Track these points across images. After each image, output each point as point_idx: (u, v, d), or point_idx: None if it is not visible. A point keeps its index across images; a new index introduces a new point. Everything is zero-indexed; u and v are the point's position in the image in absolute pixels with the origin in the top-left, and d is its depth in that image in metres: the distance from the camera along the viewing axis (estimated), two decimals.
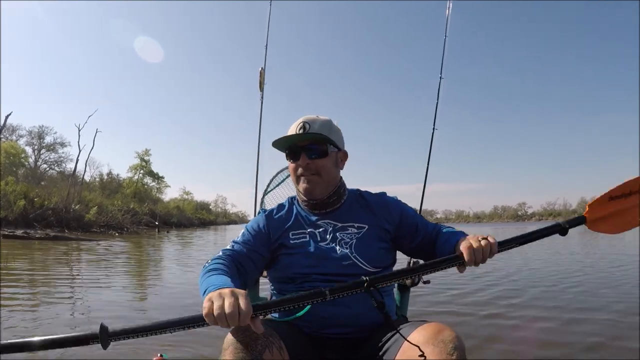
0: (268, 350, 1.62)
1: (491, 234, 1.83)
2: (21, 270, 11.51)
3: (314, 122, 2.18)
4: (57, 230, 29.05)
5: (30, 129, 58.12)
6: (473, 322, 6.06)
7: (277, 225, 2.23)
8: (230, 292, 1.55)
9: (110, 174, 60.44)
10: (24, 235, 24.14)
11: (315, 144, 2.16)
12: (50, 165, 59.76)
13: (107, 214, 38.19)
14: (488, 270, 11.02)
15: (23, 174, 50.87)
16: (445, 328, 1.69)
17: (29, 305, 7.13)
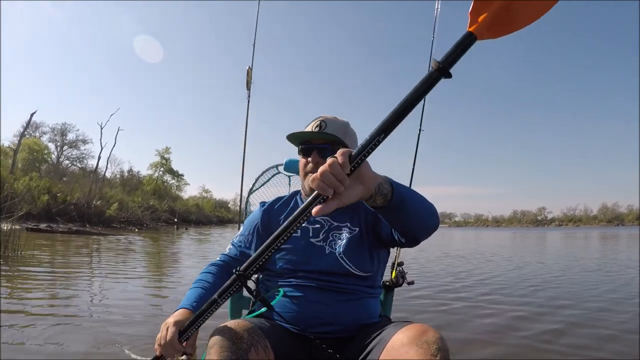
0: (253, 349, 1.63)
1: (343, 149, 1.35)
2: (43, 260, 11.97)
3: (331, 123, 2.20)
4: (78, 224, 29.56)
5: (54, 126, 58.78)
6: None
7: (273, 219, 2.26)
8: (165, 325, 1.80)
9: (131, 171, 61.01)
10: (47, 229, 24.54)
11: (328, 144, 2.16)
12: (72, 161, 60.25)
13: (128, 210, 38.78)
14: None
15: (46, 169, 51.44)
16: (429, 329, 1.67)
17: (48, 294, 7.58)
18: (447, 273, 11.61)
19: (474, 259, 16.77)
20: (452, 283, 9.70)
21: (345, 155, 1.31)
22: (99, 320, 5.92)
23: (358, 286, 2.07)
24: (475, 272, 12.27)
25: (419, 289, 8.52)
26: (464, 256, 18.06)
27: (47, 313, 6.07)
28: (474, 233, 66.61)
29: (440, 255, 17.94)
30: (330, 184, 1.30)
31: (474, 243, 32.38)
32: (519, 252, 22.50)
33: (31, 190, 29.36)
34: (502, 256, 18.80)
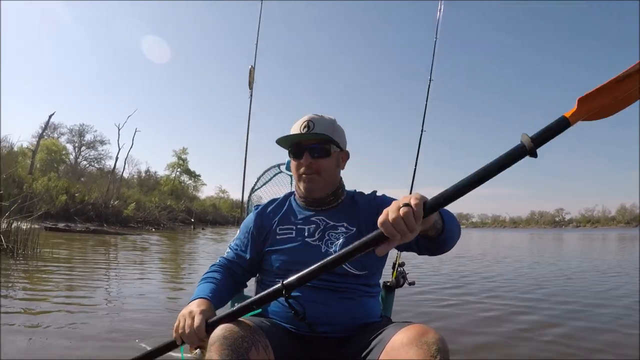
0: (254, 349, 1.62)
1: (417, 194, 1.48)
2: (61, 257, 12.14)
3: (318, 122, 2.18)
4: (96, 224, 29.79)
5: (71, 127, 59.33)
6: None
7: (267, 221, 2.25)
8: (190, 313, 1.78)
9: (148, 172, 61.36)
10: (65, 228, 24.76)
11: (318, 143, 2.15)
12: (90, 162, 60.77)
13: (145, 210, 38.99)
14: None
15: (64, 170, 51.90)
16: (429, 330, 1.66)
17: (65, 287, 7.73)
18: (459, 274, 11.65)
19: (498, 262, 16.77)
20: (463, 285, 9.69)
21: (420, 206, 1.42)
22: (115, 310, 6.14)
23: (355, 285, 2.06)
24: (492, 274, 12.25)
25: (423, 287, 8.60)
26: (483, 259, 18.06)
27: (63, 303, 6.23)
28: (491, 234, 66.29)
29: (461, 256, 17.93)
30: (401, 231, 1.42)
31: (491, 245, 32.32)
32: (541, 253, 22.43)
33: (50, 190, 29.60)
34: (525, 261, 18.69)
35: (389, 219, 1.42)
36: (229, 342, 1.58)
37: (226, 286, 2.11)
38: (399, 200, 1.46)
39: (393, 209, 1.43)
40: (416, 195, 1.46)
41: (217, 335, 1.62)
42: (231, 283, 2.16)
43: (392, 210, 1.43)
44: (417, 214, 1.41)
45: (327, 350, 1.96)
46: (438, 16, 4.01)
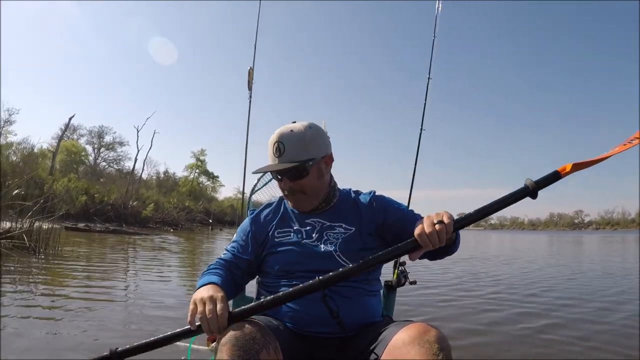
0: (265, 350, 1.60)
1: (447, 213, 1.74)
2: (81, 255, 12.48)
3: (288, 140, 2.09)
4: (115, 224, 30.00)
5: (91, 128, 59.56)
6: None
7: (264, 226, 2.24)
8: (210, 298, 1.72)
9: (167, 173, 61.59)
10: (85, 228, 24.99)
11: (291, 169, 2.08)
12: (109, 163, 61.03)
13: (163, 211, 39.30)
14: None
15: (83, 171, 52.30)
16: (430, 329, 1.68)
17: (85, 282, 7.96)
18: (470, 274, 11.77)
19: (508, 263, 16.77)
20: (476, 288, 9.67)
21: (451, 225, 1.69)
22: (133, 304, 6.43)
23: (356, 284, 2.05)
24: (503, 275, 12.25)
25: (427, 286, 8.78)
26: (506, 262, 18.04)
27: (82, 298, 6.45)
28: (509, 236, 65.83)
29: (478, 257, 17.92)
30: (433, 243, 1.68)
31: (511, 249, 32.05)
32: (563, 257, 22.44)
33: (70, 191, 29.87)
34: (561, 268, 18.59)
35: (425, 232, 1.67)
36: (240, 343, 1.57)
37: (229, 283, 2.08)
38: (432, 216, 1.73)
39: (428, 223, 1.69)
40: (447, 214, 1.72)
41: (228, 336, 1.61)
42: (232, 282, 2.14)
43: (427, 224, 1.69)
44: (448, 231, 1.68)
45: (329, 351, 1.98)
46: (436, 15, 4.02)
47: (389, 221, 2.18)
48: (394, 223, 2.17)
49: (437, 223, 1.69)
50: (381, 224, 2.18)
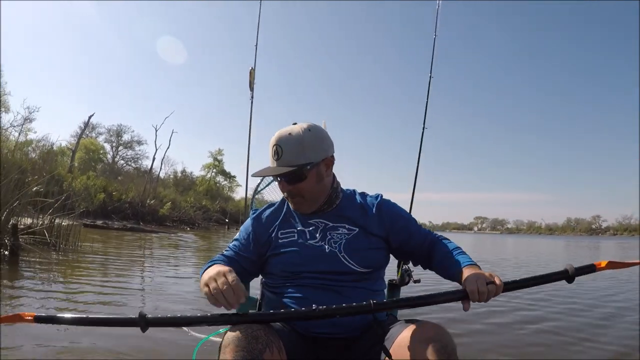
0: (268, 350, 1.61)
1: (497, 275, 1.81)
2: (99, 250, 12.80)
3: (286, 144, 2.07)
4: (133, 222, 30.20)
5: (109, 127, 60.11)
6: None
7: (266, 226, 2.23)
8: (218, 273, 1.73)
9: (184, 172, 61.75)
10: (103, 225, 25.21)
11: (288, 173, 2.09)
12: (127, 161, 61.42)
13: (180, 209, 39.38)
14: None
15: (101, 168, 52.62)
16: (436, 327, 1.72)
17: (102, 274, 8.24)
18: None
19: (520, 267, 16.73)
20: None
21: (501, 288, 1.75)
22: (151, 295, 6.72)
23: (361, 282, 2.07)
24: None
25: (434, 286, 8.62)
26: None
27: (100, 292, 6.62)
28: (526, 241, 65.32)
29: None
30: (482, 300, 1.73)
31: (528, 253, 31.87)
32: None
33: (88, 189, 30.11)
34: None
35: (478, 289, 1.73)
36: (243, 344, 1.58)
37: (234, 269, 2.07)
38: (484, 274, 1.80)
39: (482, 282, 1.74)
40: (499, 278, 1.78)
41: (231, 336, 1.62)
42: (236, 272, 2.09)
43: (481, 283, 1.74)
44: (497, 294, 1.76)
45: (334, 351, 1.99)
46: (436, 14, 4.07)
47: (395, 230, 2.20)
48: (399, 233, 2.20)
49: (489, 283, 1.75)
50: (387, 231, 2.19)
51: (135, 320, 1.69)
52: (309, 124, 2.14)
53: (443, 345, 1.61)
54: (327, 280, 2.03)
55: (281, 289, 2.11)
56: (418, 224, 2.30)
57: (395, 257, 2.36)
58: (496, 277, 1.78)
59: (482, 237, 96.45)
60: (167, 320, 1.73)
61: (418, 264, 2.32)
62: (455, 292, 1.78)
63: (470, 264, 1.94)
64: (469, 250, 11.28)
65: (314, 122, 2.18)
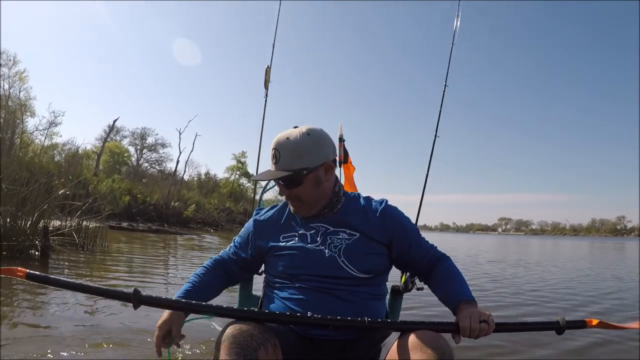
0: (263, 348, 1.63)
1: (491, 315, 1.83)
2: (125, 250, 13.30)
3: (283, 148, 2.08)
4: (157, 224, 30.58)
5: (134, 130, 60.72)
6: None
7: (267, 229, 2.26)
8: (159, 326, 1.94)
9: (208, 174, 62.09)
10: (128, 227, 25.63)
11: (285, 178, 2.10)
12: (151, 164, 62.10)
13: (204, 211, 39.77)
14: None
15: (126, 171, 53.23)
16: (433, 334, 1.71)
17: (128, 273, 8.67)
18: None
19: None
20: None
21: (492, 328, 1.78)
22: (174, 289, 6.91)
23: (360, 287, 2.07)
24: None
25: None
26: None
27: (126, 285, 7.04)
28: (550, 242, 64.62)
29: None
30: (472, 336, 1.78)
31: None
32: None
33: (113, 191, 30.51)
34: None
35: (471, 326, 1.76)
36: (238, 341, 1.61)
37: (210, 283, 2.23)
38: (479, 312, 1.82)
39: (476, 318, 1.78)
40: (491, 317, 1.80)
41: (227, 334, 1.64)
42: (218, 279, 2.27)
43: (474, 320, 1.78)
44: (489, 333, 1.79)
45: (332, 353, 1.99)
46: (455, 23, 4.04)
47: (397, 238, 2.19)
48: (401, 242, 2.19)
49: (482, 321, 1.78)
50: (390, 238, 2.18)
51: (128, 295, 1.74)
52: (309, 127, 2.12)
53: (441, 352, 1.62)
54: (326, 283, 2.03)
55: (281, 289, 2.13)
56: (421, 235, 2.29)
57: (395, 266, 2.32)
58: (489, 317, 1.80)
59: (506, 238, 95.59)
60: (160, 301, 1.82)
61: (416, 276, 2.38)
62: (448, 324, 1.83)
63: (469, 300, 1.95)
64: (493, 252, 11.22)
65: (315, 126, 2.16)
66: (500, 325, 1.82)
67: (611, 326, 1.97)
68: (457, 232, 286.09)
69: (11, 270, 1.80)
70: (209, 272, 2.26)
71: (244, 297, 2.89)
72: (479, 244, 40.26)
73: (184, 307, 1.84)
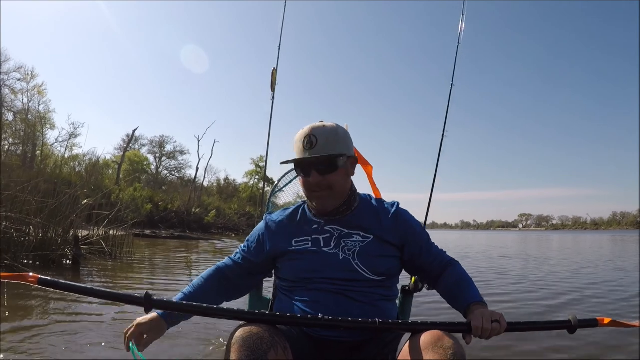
0: (273, 350, 1.61)
1: (503, 315, 1.84)
2: (150, 256, 13.76)
3: (320, 134, 2.09)
4: (179, 230, 30.95)
5: (152, 138, 61.35)
6: None
7: (279, 233, 2.24)
8: (137, 324, 1.90)
9: (227, 180, 62.30)
10: (152, 234, 26.00)
11: (323, 162, 2.09)
12: (170, 171, 62.69)
13: (225, 216, 40.22)
14: None
15: (145, 179, 53.71)
16: (445, 335, 1.69)
17: (154, 276, 9.00)
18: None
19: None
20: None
21: (504, 327, 1.79)
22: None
23: (372, 289, 2.07)
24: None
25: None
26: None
27: (154, 288, 7.55)
28: (571, 237, 63.72)
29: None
30: (484, 337, 1.79)
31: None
32: None
33: (136, 200, 30.90)
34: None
35: (484, 326, 1.77)
36: (247, 344, 1.59)
37: (207, 293, 2.17)
38: (491, 312, 1.83)
39: (488, 318, 1.79)
40: (504, 317, 1.81)
41: (236, 337, 1.63)
42: (214, 289, 2.21)
43: (486, 319, 1.78)
44: (500, 332, 1.79)
45: (343, 354, 1.99)
46: (460, 24, 4.03)
47: (408, 243, 2.20)
48: (412, 246, 2.20)
49: (494, 321, 1.78)
50: (403, 241, 2.19)
51: (140, 299, 1.74)
52: (336, 123, 2.18)
53: (453, 352, 1.61)
54: (340, 286, 2.03)
55: (294, 292, 2.12)
56: (431, 240, 2.29)
57: (405, 270, 2.31)
58: (501, 317, 1.81)
59: (526, 234, 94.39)
60: (172, 305, 1.81)
61: (425, 281, 2.38)
62: (460, 324, 1.82)
63: (479, 302, 1.96)
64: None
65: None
66: (511, 325, 1.82)
67: (623, 324, 1.96)
68: (477, 230, 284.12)
69: (22, 277, 1.77)
70: (206, 282, 2.23)
71: (255, 300, 2.94)
72: (502, 242, 39.64)
73: (194, 310, 1.81)
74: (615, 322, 1.92)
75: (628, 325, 1.97)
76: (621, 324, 1.95)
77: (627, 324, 1.97)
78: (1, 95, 35.61)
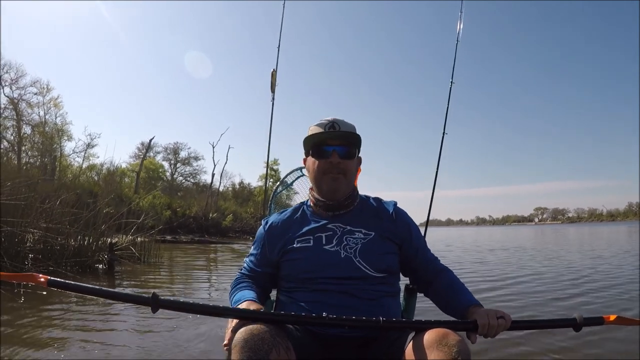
0: (275, 350, 1.59)
1: (507, 313, 1.83)
2: (177, 260, 14.94)
3: (343, 124, 2.16)
4: (198, 235, 31.69)
5: (166, 145, 61.80)
6: None
7: (280, 235, 2.23)
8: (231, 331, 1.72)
9: (242, 184, 62.20)
10: (173, 239, 26.60)
11: (346, 145, 2.14)
12: (185, 177, 62.98)
13: (242, 220, 40.73)
14: None
15: (161, 186, 54.14)
16: (450, 332, 1.68)
17: (176, 279, 10.01)
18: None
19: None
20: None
21: (509, 323, 1.81)
22: (216, 291, 8.34)
23: (376, 287, 2.07)
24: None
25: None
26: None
27: (170, 288, 8.48)
28: (587, 229, 62.92)
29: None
30: (490, 334, 1.81)
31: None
32: None
33: (155, 207, 31.41)
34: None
35: (490, 323, 1.78)
36: (249, 345, 1.58)
37: (261, 295, 2.18)
38: (494, 310, 1.85)
39: (493, 315, 1.80)
40: (508, 314, 1.83)
41: (238, 338, 1.62)
42: (261, 291, 2.20)
43: (492, 317, 1.79)
44: (505, 328, 1.81)
45: (348, 352, 1.97)
46: (459, 23, 4.07)
47: (406, 243, 2.22)
48: (409, 247, 2.23)
49: (499, 317, 1.80)
50: (402, 239, 2.22)
51: (147, 300, 1.70)
52: None
53: (457, 350, 1.60)
54: (343, 285, 2.02)
55: (296, 292, 2.11)
56: (427, 245, 2.33)
57: (400, 269, 2.29)
58: (504, 314, 1.82)
59: (542, 228, 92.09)
60: (178, 304, 1.76)
61: (417, 284, 2.35)
62: (465, 322, 1.84)
63: (478, 305, 1.95)
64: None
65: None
66: (516, 322, 1.84)
67: (630, 321, 1.95)
68: (493, 225, 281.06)
69: (32, 277, 1.76)
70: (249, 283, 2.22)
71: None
72: (516, 237, 39.30)
73: (200, 310, 1.80)
74: (621, 319, 1.90)
75: (635, 322, 1.99)
76: (628, 320, 1.95)
77: (635, 321, 1.99)
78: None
